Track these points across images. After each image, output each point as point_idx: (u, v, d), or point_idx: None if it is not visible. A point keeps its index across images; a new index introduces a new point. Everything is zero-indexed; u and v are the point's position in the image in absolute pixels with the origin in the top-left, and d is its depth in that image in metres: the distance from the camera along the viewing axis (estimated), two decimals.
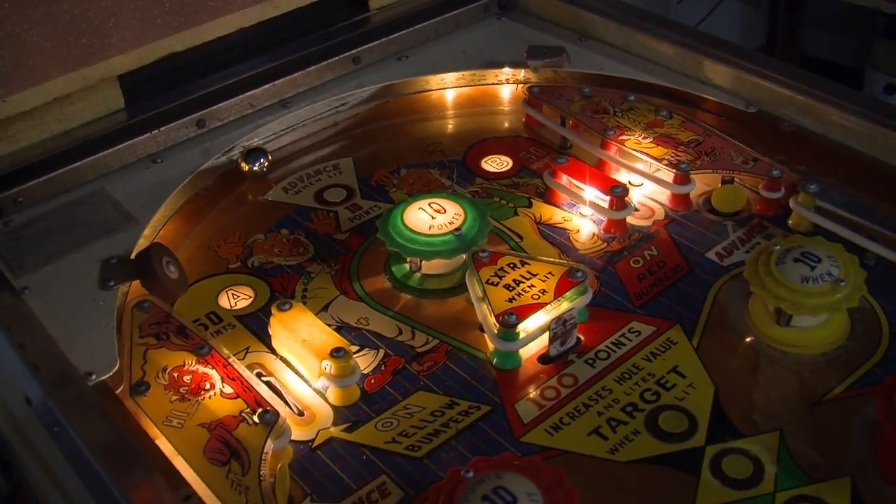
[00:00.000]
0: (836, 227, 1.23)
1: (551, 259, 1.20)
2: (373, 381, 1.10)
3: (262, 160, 1.41)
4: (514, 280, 1.13)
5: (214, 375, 1.05)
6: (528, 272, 1.14)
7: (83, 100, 1.39)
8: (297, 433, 1.04)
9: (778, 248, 1.13)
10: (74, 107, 1.39)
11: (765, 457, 1.00)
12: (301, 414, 1.06)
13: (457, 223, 1.20)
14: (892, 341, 1.12)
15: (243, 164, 1.41)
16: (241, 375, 1.05)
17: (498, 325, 1.09)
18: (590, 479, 0.99)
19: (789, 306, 1.09)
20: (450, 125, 1.54)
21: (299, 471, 1.01)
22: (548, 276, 1.13)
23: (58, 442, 1.03)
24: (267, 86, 1.49)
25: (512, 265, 1.15)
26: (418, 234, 1.19)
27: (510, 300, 1.11)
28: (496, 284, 1.13)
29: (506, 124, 1.54)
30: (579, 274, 1.13)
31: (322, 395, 1.08)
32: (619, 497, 0.98)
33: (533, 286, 1.12)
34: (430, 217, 1.20)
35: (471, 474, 0.89)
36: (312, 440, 1.04)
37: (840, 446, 1.01)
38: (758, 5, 3.38)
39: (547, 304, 1.10)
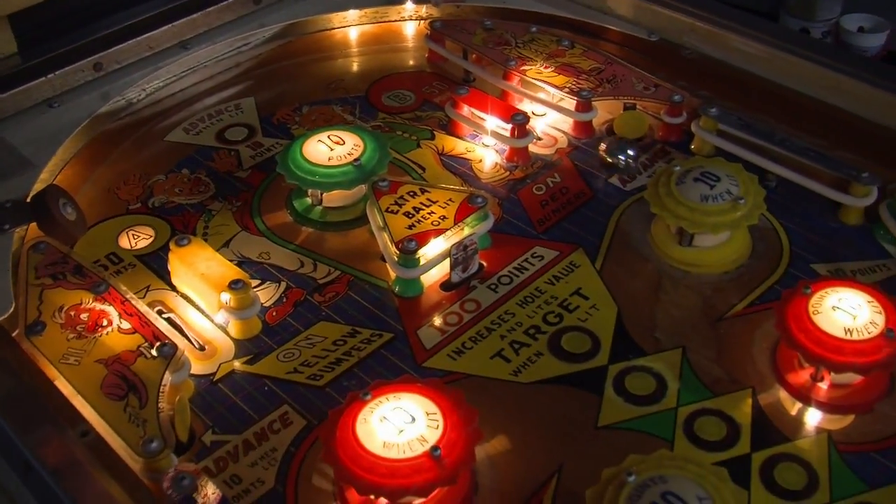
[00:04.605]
0: (738, 149, 1.24)
1: (451, 186, 1.19)
2: (274, 313, 1.09)
3: None
4: (414, 207, 1.12)
5: (112, 312, 1.03)
6: (429, 199, 1.13)
7: None
8: (199, 367, 1.03)
9: (678, 168, 1.13)
10: None
11: (667, 373, 1.01)
12: (202, 348, 1.05)
13: (356, 154, 1.18)
14: (792, 258, 1.13)
15: None
16: (138, 311, 1.03)
17: (398, 252, 1.08)
18: (493, 401, 0.99)
19: (690, 225, 1.10)
20: (354, 63, 1.53)
21: (201, 404, 1.00)
22: (448, 202, 1.13)
23: None
24: (166, 27, 1.45)
25: (412, 193, 1.14)
26: (317, 165, 1.17)
27: (410, 227, 1.10)
28: (396, 212, 1.12)
29: (410, 61, 1.53)
30: (479, 199, 1.12)
31: (223, 329, 1.07)
32: (523, 416, 0.98)
33: (433, 213, 1.12)
34: (329, 149, 1.19)
35: (368, 396, 0.89)
36: (214, 374, 1.03)
37: (741, 361, 1.02)
38: None
39: (447, 229, 1.10)
